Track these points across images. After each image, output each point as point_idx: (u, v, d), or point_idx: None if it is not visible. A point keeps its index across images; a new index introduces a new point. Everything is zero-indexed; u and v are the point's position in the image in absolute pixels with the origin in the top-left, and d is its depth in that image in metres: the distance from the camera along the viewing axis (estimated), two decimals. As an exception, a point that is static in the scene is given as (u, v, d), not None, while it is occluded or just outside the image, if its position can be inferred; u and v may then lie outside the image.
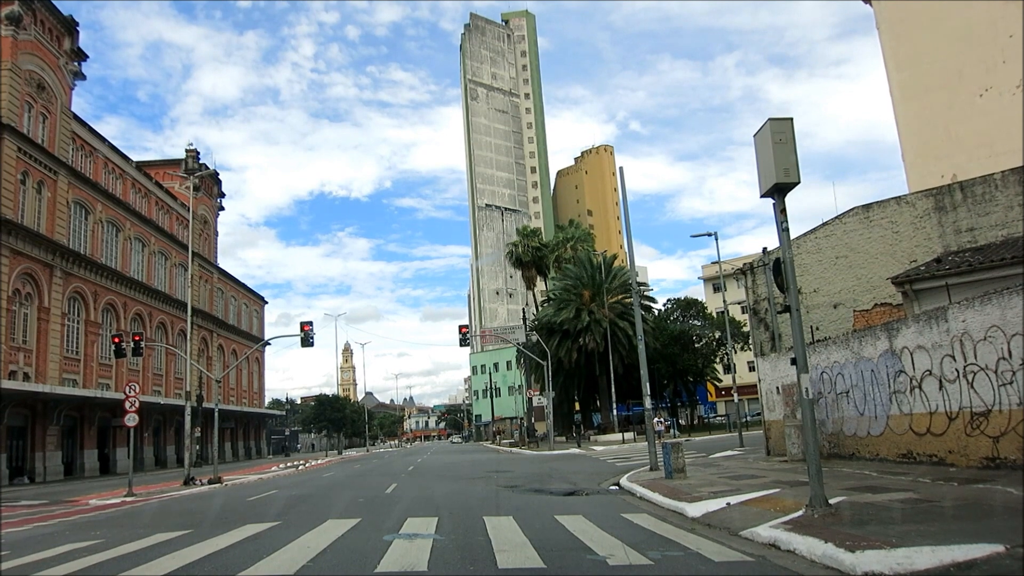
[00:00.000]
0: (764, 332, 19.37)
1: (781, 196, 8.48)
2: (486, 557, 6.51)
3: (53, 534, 10.46)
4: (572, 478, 16.10)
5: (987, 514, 7.08)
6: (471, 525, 8.69)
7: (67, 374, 40.23)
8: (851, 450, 14.31)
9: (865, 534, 6.44)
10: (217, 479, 24.08)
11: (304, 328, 27.92)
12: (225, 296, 69.13)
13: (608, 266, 47.15)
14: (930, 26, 27.12)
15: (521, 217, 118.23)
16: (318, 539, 7.95)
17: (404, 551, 7.00)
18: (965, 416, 10.88)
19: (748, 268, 19.62)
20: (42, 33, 39.80)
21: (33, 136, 38.29)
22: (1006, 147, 21.50)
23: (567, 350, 44.27)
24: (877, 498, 8.67)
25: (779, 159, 8.27)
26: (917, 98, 27.36)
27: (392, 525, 8.99)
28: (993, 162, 19.65)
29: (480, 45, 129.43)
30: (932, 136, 26.56)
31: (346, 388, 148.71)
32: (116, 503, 17.51)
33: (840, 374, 14.47)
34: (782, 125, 8.43)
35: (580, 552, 6.61)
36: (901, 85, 28.05)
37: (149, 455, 49.03)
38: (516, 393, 78.73)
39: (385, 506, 11.92)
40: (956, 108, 26.12)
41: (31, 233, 36.91)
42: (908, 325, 12.26)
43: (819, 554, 6.07)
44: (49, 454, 36.67)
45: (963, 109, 25.93)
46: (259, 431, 77.26)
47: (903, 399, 12.42)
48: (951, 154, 24.96)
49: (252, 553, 7.21)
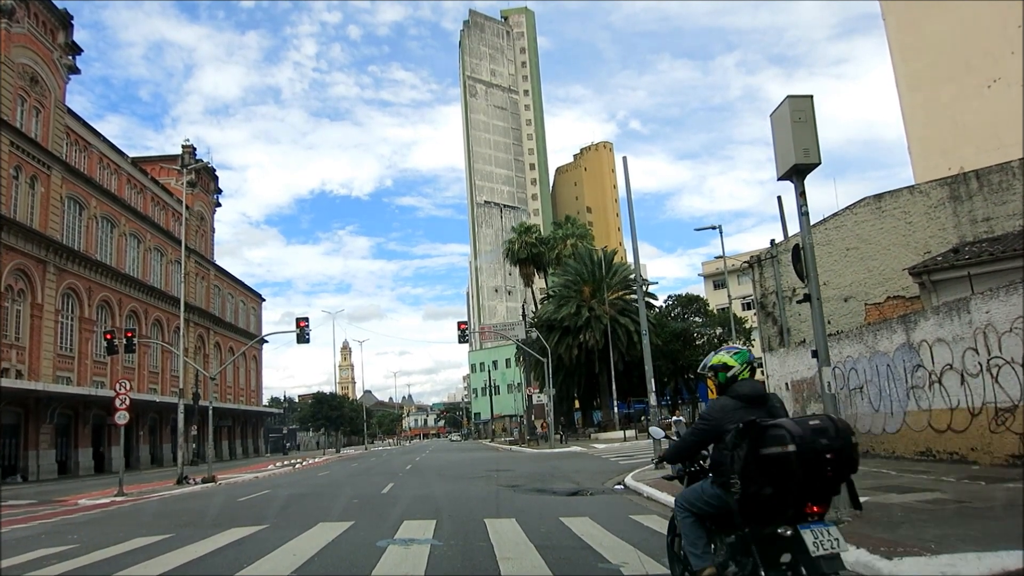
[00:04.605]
0: (772, 327, 18.85)
1: (800, 178, 7.97)
2: (488, 566, 6.00)
3: (29, 537, 9.93)
4: (575, 477, 15.59)
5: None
6: (471, 529, 8.18)
7: (61, 372, 39.68)
8: (865, 448, 13.78)
9: (899, 539, 5.94)
10: (211, 478, 23.57)
11: (300, 324, 27.40)
12: (222, 293, 68.58)
13: (608, 262, 46.65)
14: (937, 17, 26.63)
15: (520, 214, 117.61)
16: (307, 545, 7.42)
17: (399, 559, 6.49)
18: (989, 412, 10.37)
19: (755, 261, 19.10)
20: (35, 26, 39.20)
21: (26, 130, 37.70)
22: (1014, 139, 21.00)
23: (567, 347, 43.76)
24: (903, 499, 8.16)
25: (798, 139, 7.77)
26: (924, 90, 26.87)
27: (387, 529, 8.46)
28: (1001, 154, 19.15)
29: (479, 42, 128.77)
30: (939, 129, 26.09)
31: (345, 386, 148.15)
32: (105, 503, 17.00)
33: (853, 369, 13.96)
34: (802, 103, 7.92)
35: (590, 559, 6.10)
36: (907, 77, 27.56)
37: (145, 453, 48.52)
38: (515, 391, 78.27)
39: (381, 507, 11.41)
40: (963, 100, 25.64)
41: (24, 228, 36.32)
42: (927, 317, 11.75)
43: (851, 560, 5.54)
44: (43, 453, 36.10)
45: (970, 101, 25.45)
46: (257, 429, 76.71)
47: (921, 394, 11.91)
48: (958, 146, 24.48)
49: (233, 561, 6.69)
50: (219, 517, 11.42)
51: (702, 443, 4.02)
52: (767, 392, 3.95)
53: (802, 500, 3.33)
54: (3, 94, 35.80)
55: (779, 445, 3.27)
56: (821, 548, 3.27)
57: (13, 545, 9.10)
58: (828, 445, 3.24)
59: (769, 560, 3.47)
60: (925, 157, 25.81)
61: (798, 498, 3.32)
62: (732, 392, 3.91)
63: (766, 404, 3.83)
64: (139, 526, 10.72)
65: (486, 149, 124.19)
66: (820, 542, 3.28)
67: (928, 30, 26.86)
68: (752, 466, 3.39)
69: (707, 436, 3.91)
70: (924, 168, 24.66)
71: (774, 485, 3.30)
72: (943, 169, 20.70)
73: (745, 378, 3.96)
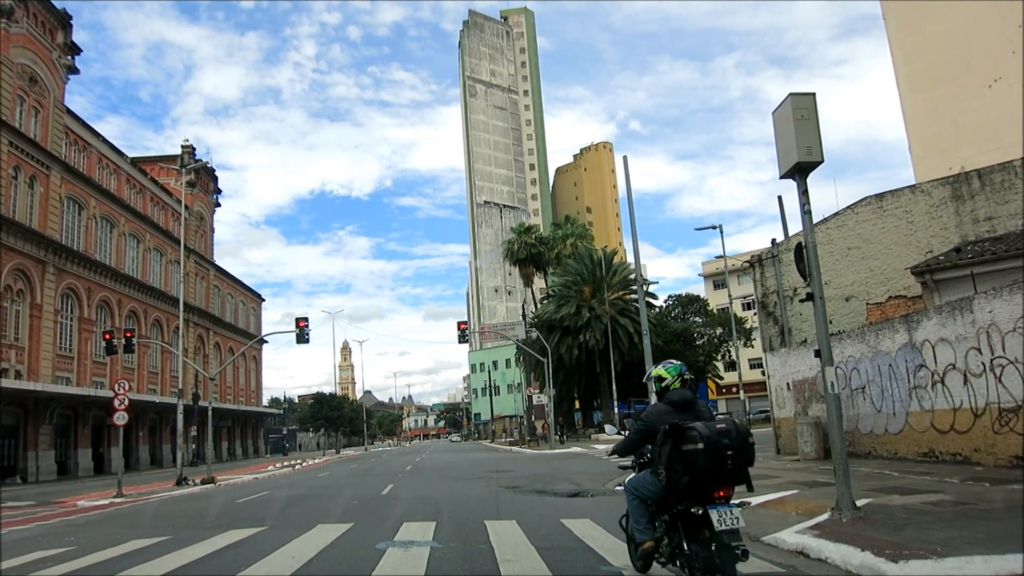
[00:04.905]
0: (773, 326, 18.78)
1: (803, 176, 7.91)
2: (489, 568, 5.92)
3: (26, 539, 9.84)
4: (576, 478, 15.51)
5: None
6: (472, 530, 8.10)
7: (60, 372, 39.58)
8: (867, 448, 13.74)
9: (904, 541, 5.87)
10: (210, 479, 23.49)
11: (299, 324, 27.31)
12: (222, 294, 68.50)
13: (608, 262, 46.55)
14: (937, 17, 26.56)
15: (520, 214, 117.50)
16: (305, 547, 7.34)
17: (399, 561, 6.41)
18: (992, 412, 10.30)
19: (757, 260, 19.02)
20: (34, 26, 39.11)
21: (25, 130, 37.61)
22: (1015, 138, 20.92)
23: (567, 347, 43.68)
24: (907, 500, 8.09)
25: (801, 137, 7.71)
26: (925, 90, 26.81)
27: (387, 531, 8.39)
28: (1002, 154, 19.07)
29: (479, 42, 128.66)
30: (940, 128, 26.03)
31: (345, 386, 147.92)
32: (104, 504, 16.91)
33: (855, 369, 13.89)
34: (804, 100, 7.85)
35: (592, 562, 6.03)
36: (908, 77, 27.49)
37: (144, 454, 48.42)
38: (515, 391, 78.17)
39: (380, 509, 11.33)
40: (964, 100, 25.58)
41: (23, 228, 36.23)
42: (929, 317, 11.68)
43: (856, 563, 5.48)
44: (42, 453, 35.99)
45: (971, 100, 25.39)
46: (256, 430, 76.59)
47: (924, 395, 11.85)
48: (959, 146, 24.42)
49: (230, 563, 6.61)
50: (217, 519, 11.34)
51: (641, 440, 4.88)
52: (695, 398, 4.78)
53: (710, 487, 4.20)
54: (2, 94, 35.73)
55: (693, 443, 4.13)
56: (724, 524, 4.14)
57: (10, 547, 9.02)
58: (729, 444, 4.10)
59: (692, 534, 4.39)
60: (926, 157, 25.75)
61: (707, 485, 4.19)
62: (666, 399, 4.77)
63: (693, 408, 4.66)
64: (137, 528, 10.65)
65: (486, 149, 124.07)
66: (723, 519, 4.15)
67: (929, 30, 26.79)
68: (674, 459, 4.27)
69: (644, 435, 4.79)
70: (925, 168, 24.59)
71: (689, 475, 4.17)
72: (944, 169, 20.64)
73: (676, 387, 4.77)
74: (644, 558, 4.96)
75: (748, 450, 4.21)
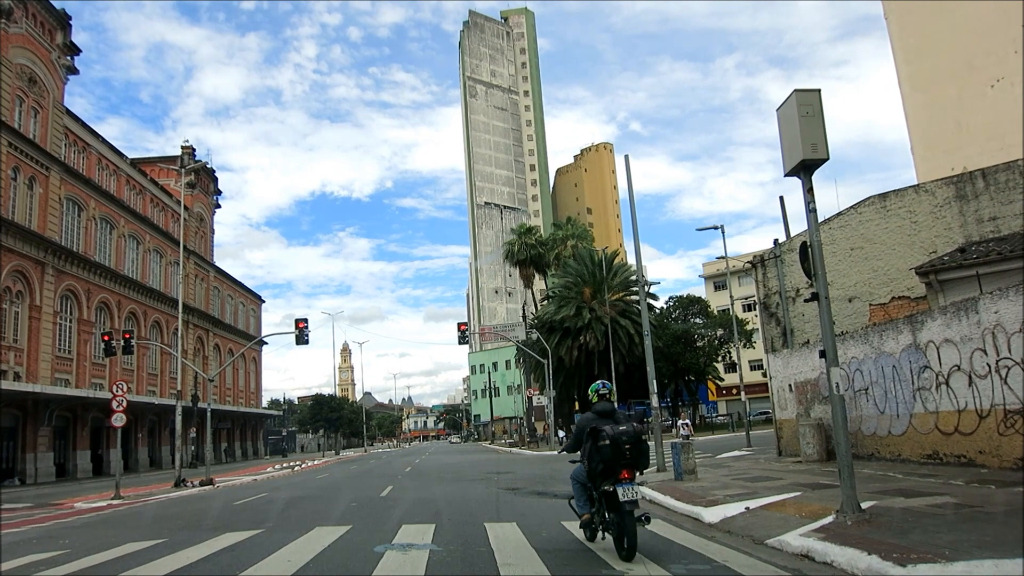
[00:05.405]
0: (775, 327, 18.66)
1: (808, 174, 7.80)
2: (489, 571, 5.82)
3: (20, 542, 9.73)
4: (576, 480, 15.37)
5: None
6: (471, 533, 8.00)
7: (59, 373, 39.47)
8: (870, 450, 13.63)
9: (911, 544, 5.75)
10: (209, 481, 23.39)
11: (299, 325, 27.21)
12: (222, 295, 68.39)
13: (609, 263, 46.42)
14: (939, 17, 26.47)
15: (520, 215, 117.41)
16: (302, 551, 7.23)
17: (397, 564, 6.30)
18: (998, 414, 10.18)
19: (759, 260, 18.90)
20: (34, 27, 39.05)
21: (24, 131, 37.53)
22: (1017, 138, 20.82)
23: (568, 348, 43.53)
24: (912, 503, 7.98)
25: (806, 134, 7.59)
26: (926, 90, 26.71)
27: (386, 533, 8.28)
28: (1004, 154, 18.99)
29: (479, 42, 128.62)
30: (942, 129, 25.92)
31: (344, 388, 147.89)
32: (102, 506, 16.82)
33: (858, 370, 13.78)
34: (809, 97, 7.74)
35: (594, 565, 5.93)
36: (910, 77, 27.39)
37: (144, 456, 48.27)
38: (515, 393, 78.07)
39: (379, 511, 11.22)
40: (966, 99, 25.47)
41: (22, 230, 36.15)
42: (934, 317, 11.56)
43: (863, 567, 5.38)
44: (40, 455, 35.87)
45: (973, 100, 25.29)
46: (256, 431, 76.46)
47: (928, 396, 11.73)
48: (961, 146, 24.30)
49: (226, 567, 6.50)
50: (215, 521, 11.22)
51: (577, 441, 6.69)
52: (614, 408, 6.50)
53: (616, 470, 6.02)
54: (1, 94, 35.66)
55: (603, 440, 6.03)
56: (626, 496, 5.93)
57: (3, 550, 8.91)
58: (627, 440, 6.02)
59: (611, 506, 6.14)
60: (928, 157, 25.64)
61: (613, 469, 6.03)
62: (592, 409, 6.54)
63: (613, 416, 6.36)
64: (133, 530, 10.55)
65: (486, 150, 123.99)
66: (625, 493, 5.93)
67: (930, 30, 26.70)
68: (593, 452, 6.16)
69: (578, 436, 6.63)
70: (927, 168, 24.48)
71: (603, 463, 6.04)
72: (946, 169, 20.53)
73: (596, 401, 6.59)
74: (586, 527, 6.71)
75: (642, 444, 6.15)
